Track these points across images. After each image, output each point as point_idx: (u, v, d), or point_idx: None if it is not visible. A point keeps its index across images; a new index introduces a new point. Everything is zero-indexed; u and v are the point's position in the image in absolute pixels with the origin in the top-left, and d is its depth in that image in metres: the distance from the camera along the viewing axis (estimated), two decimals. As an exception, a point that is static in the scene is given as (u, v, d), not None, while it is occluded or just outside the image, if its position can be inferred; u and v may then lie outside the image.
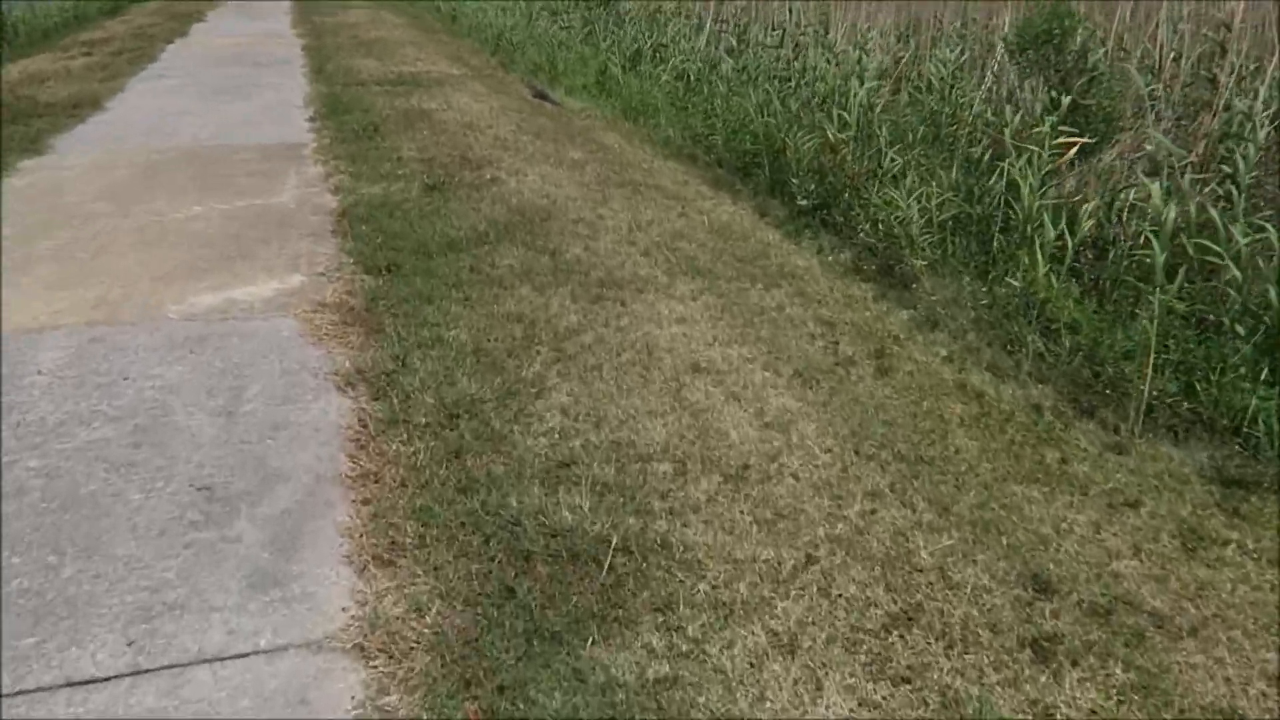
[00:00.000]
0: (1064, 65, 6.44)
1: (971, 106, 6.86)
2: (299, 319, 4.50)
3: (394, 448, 3.34)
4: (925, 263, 5.45)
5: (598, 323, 4.57)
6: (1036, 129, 5.41)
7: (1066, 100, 5.64)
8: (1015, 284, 4.82)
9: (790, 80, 8.23)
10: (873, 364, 4.30)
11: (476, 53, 14.73)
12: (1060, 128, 5.42)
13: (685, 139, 9.21)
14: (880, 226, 5.92)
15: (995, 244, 5.38)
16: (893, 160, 6.40)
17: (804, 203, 6.83)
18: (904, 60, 8.59)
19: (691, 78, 10.43)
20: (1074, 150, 5.50)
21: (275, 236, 5.76)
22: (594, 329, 4.48)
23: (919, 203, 5.78)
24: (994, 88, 7.25)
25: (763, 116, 7.94)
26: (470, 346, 4.20)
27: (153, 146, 7.99)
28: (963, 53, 7.83)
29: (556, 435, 3.48)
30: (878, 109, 7.17)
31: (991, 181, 5.77)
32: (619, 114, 10.38)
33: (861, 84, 7.05)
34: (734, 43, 10.79)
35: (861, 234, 6.08)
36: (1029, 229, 5.08)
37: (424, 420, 3.54)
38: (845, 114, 6.99)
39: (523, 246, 5.67)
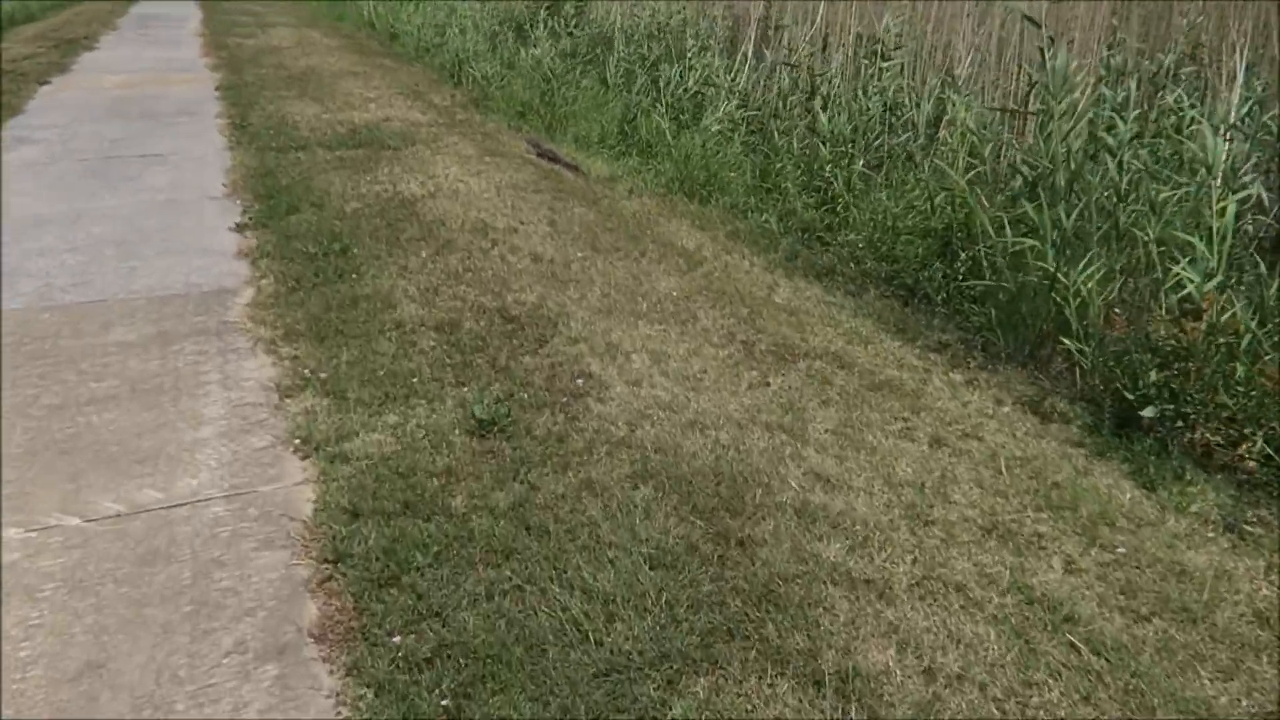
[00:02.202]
0: None
1: None
2: None
3: None
4: None
5: None
6: None
7: None
8: None
9: (1048, 163, 4.92)
10: None
11: (434, 85, 11.16)
12: None
13: (789, 233, 5.95)
14: None
15: None
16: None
17: (1149, 413, 3.57)
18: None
19: (781, 136, 7.12)
20: None
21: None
22: None
23: None
24: None
25: (1003, 230, 4.67)
26: None
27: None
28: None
29: None
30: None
31: None
32: (666, 185, 7.01)
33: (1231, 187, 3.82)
34: (817, 86, 7.44)
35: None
36: None
37: None
38: (1199, 243, 3.75)
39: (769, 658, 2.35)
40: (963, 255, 5.26)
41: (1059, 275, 4.21)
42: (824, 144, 6.60)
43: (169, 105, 9.50)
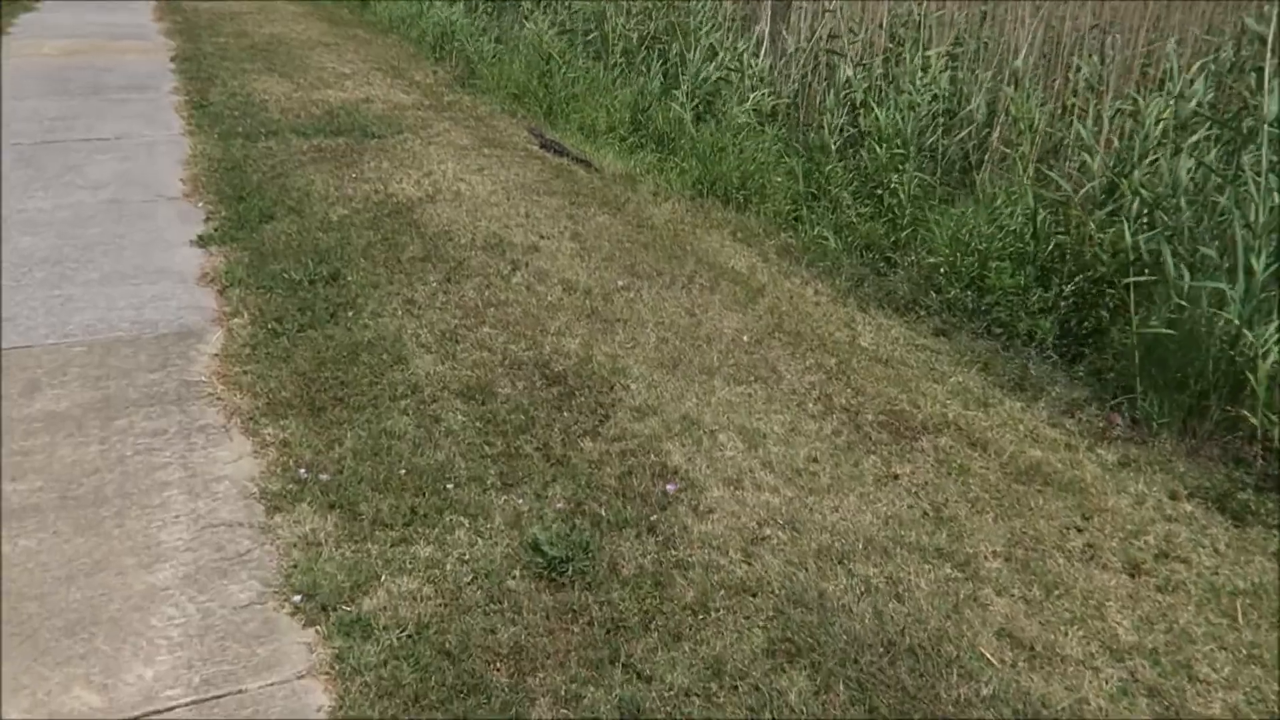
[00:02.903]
0: None
1: None
2: None
3: None
4: None
5: None
6: None
7: None
8: None
9: (1167, 186, 4.02)
10: None
11: (414, 60, 10.02)
12: None
13: (849, 251, 5.04)
14: None
15: None
16: None
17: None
18: None
19: (816, 133, 6.17)
20: None
21: None
22: None
23: None
24: None
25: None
26: None
27: None
28: None
29: None
30: None
31: None
32: (693, 185, 6.03)
33: None
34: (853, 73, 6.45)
35: None
36: None
37: None
38: None
39: None
40: (1067, 288, 4.37)
41: (1243, 330, 3.31)
42: (878, 144, 5.64)
43: (118, 78, 8.29)
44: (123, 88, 7.91)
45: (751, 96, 6.73)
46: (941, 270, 4.66)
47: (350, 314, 3.74)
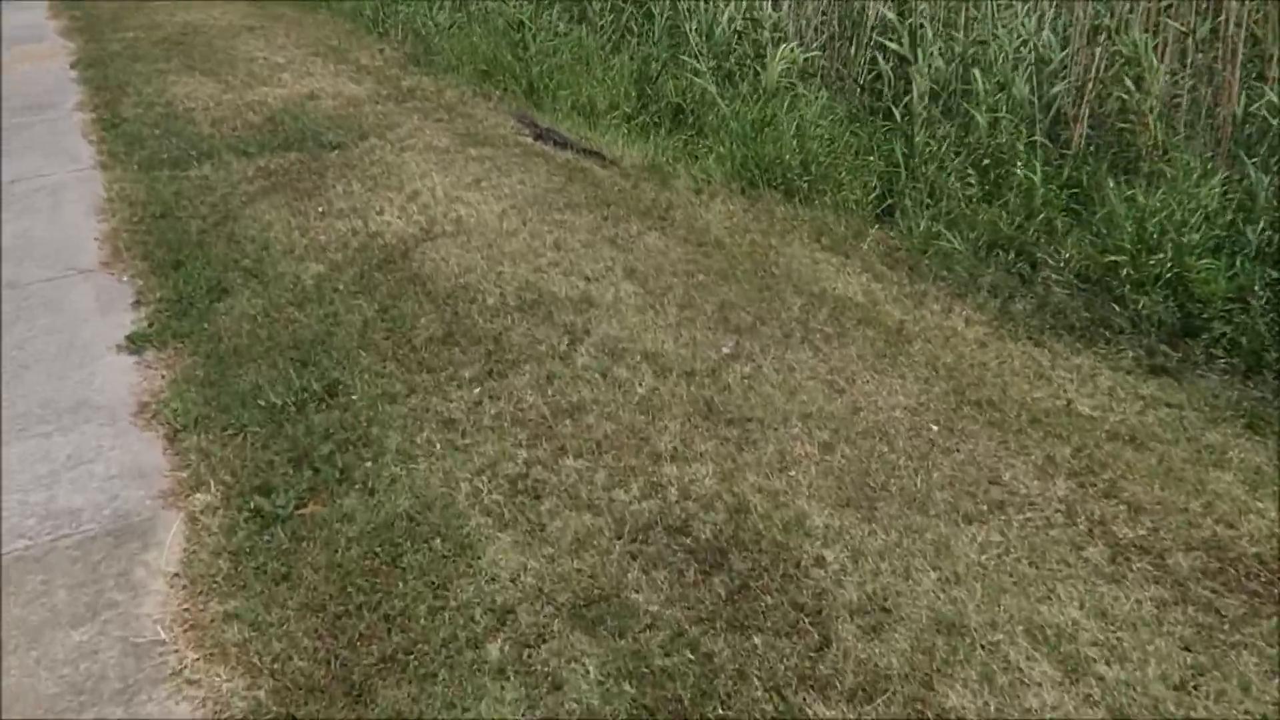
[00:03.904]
0: None
1: None
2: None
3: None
4: None
5: None
6: None
7: None
8: None
9: None
10: None
11: (354, 37, 8.51)
12: None
13: (977, 253, 3.81)
14: None
15: None
16: None
17: None
18: None
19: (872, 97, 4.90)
20: None
21: None
22: None
23: None
24: None
25: None
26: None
27: None
28: None
29: None
30: None
31: None
32: (736, 173, 4.75)
33: None
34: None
35: None
36: None
37: None
38: None
39: None
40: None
41: None
42: (979, 108, 4.38)
43: (10, 96, 6.73)
44: (17, 109, 6.37)
45: (780, 50, 5.38)
46: (1125, 272, 3.44)
47: (368, 461, 2.44)
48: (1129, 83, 3.90)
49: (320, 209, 4.31)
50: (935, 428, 2.64)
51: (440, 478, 2.39)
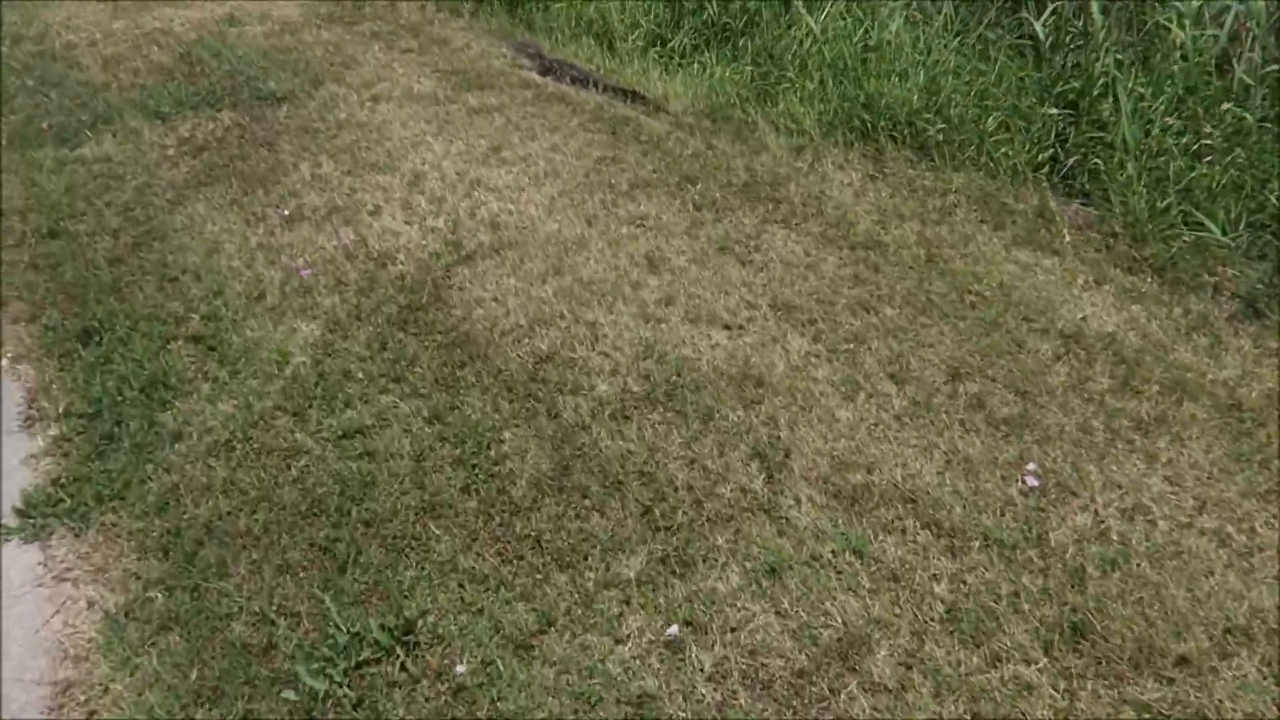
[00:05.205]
0: None
1: None
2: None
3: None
4: None
5: None
6: None
7: None
8: None
9: None
10: None
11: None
12: None
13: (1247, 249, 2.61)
14: None
15: None
16: None
17: None
18: None
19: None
20: None
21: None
22: None
23: None
24: None
25: None
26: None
27: None
28: None
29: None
30: None
31: None
32: (832, 119, 3.42)
33: None
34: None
35: None
36: None
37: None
38: None
39: None
40: None
41: None
42: (1176, 57, 3.12)
43: None
44: None
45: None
46: None
47: None
48: None
49: (284, 210, 2.90)
50: None
51: None
